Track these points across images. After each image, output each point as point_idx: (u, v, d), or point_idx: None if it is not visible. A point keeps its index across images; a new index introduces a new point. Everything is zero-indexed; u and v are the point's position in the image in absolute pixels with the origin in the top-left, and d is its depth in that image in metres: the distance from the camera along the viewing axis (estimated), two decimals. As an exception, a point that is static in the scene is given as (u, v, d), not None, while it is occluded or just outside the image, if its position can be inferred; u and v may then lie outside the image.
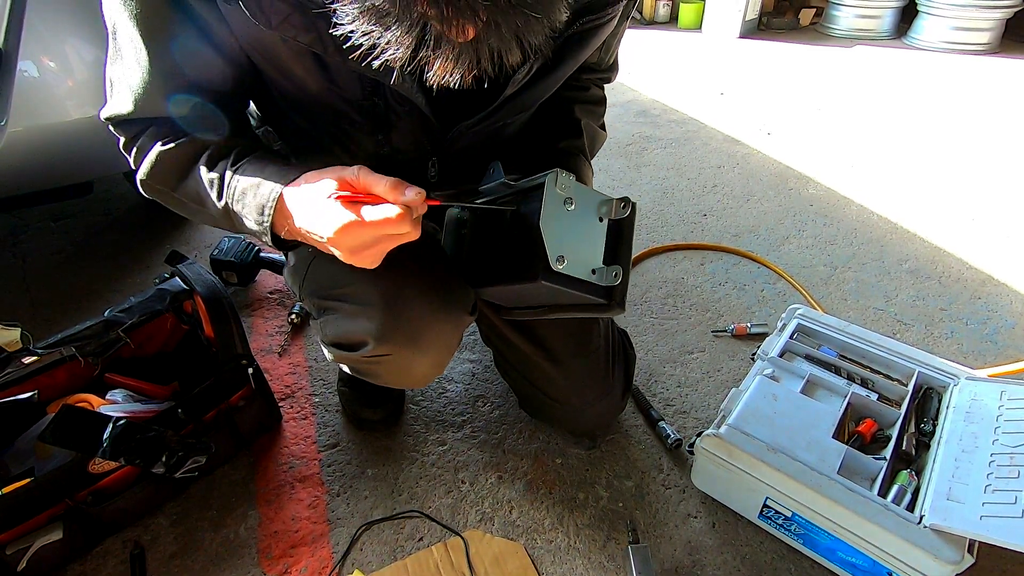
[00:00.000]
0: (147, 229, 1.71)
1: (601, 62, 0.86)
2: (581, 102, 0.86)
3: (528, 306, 0.79)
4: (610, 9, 0.66)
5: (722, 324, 1.32)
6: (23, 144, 1.17)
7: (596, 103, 0.89)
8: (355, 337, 0.72)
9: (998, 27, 3.41)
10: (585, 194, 0.66)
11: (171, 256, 1.06)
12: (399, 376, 0.77)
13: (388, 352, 0.71)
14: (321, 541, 0.90)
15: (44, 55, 1.16)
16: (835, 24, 3.87)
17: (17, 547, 0.78)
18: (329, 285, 0.76)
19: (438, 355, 0.75)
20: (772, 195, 1.90)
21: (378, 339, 0.69)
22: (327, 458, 1.03)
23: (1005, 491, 0.74)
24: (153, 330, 1.06)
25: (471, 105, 0.68)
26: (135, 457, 0.82)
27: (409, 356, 0.72)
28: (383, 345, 0.70)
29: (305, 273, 0.80)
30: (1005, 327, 1.33)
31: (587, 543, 0.89)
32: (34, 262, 1.57)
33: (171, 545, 0.89)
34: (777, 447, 0.85)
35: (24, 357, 0.88)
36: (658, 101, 2.71)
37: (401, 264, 0.70)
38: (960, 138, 2.32)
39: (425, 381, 0.81)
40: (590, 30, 0.66)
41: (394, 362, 0.72)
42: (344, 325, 0.73)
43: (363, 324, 0.70)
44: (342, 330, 0.73)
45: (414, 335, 0.70)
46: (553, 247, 0.62)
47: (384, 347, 0.70)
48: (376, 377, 0.77)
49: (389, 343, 0.70)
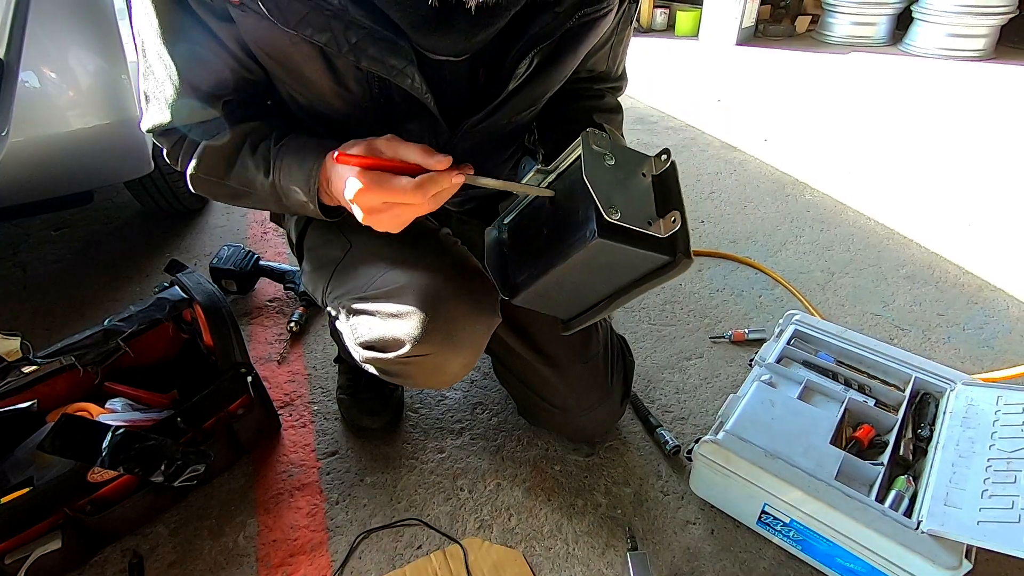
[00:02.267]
0: (146, 238, 1.72)
1: (610, 71, 0.87)
2: (599, 110, 0.87)
3: (586, 306, 0.72)
4: (606, 1, 0.66)
5: (720, 330, 1.33)
6: (24, 154, 1.17)
7: (612, 111, 0.90)
8: (392, 338, 0.73)
9: (993, 33, 3.44)
10: (623, 151, 0.63)
11: (170, 265, 1.06)
12: (431, 376, 0.78)
13: (427, 352, 0.72)
14: (320, 549, 0.90)
15: (45, 65, 1.17)
16: (831, 31, 3.91)
17: (16, 557, 0.77)
18: (362, 288, 0.77)
19: (471, 354, 0.76)
20: (769, 201, 1.91)
21: (417, 340, 0.70)
22: (326, 466, 1.03)
23: (1002, 496, 0.74)
24: (153, 339, 1.06)
25: (477, 104, 0.69)
26: (134, 466, 0.82)
27: (445, 356, 0.73)
28: (422, 346, 0.71)
29: (330, 278, 0.82)
30: (1002, 332, 1.33)
31: (586, 550, 0.89)
32: (34, 271, 1.58)
33: (170, 554, 0.89)
34: (775, 453, 0.85)
35: (24, 366, 0.88)
36: (655, 108, 2.73)
37: (434, 267, 0.73)
38: (956, 144, 2.33)
39: (453, 380, 0.81)
40: (588, 23, 0.67)
41: (430, 362, 0.73)
42: (381, 327, 0.74)
43: (401, 325, 0.71)
44: (378, 332, 0.74)
45: (451, 335, 0.72)
46: (603, 198, 0.57)
47: (423, 347, 0.71)
48: (407, 378, 0.78)
49: (428, 344, 0.71)
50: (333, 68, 0.63)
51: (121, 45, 1.29)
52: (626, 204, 0.58)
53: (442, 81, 0.65)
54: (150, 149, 1.40)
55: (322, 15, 0.56)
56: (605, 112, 0.88)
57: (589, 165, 0.58)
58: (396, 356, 0.73)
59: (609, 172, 0.60)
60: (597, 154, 0.60)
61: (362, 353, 0.77)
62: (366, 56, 0.59)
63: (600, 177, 0.58)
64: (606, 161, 0.60)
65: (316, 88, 0.66)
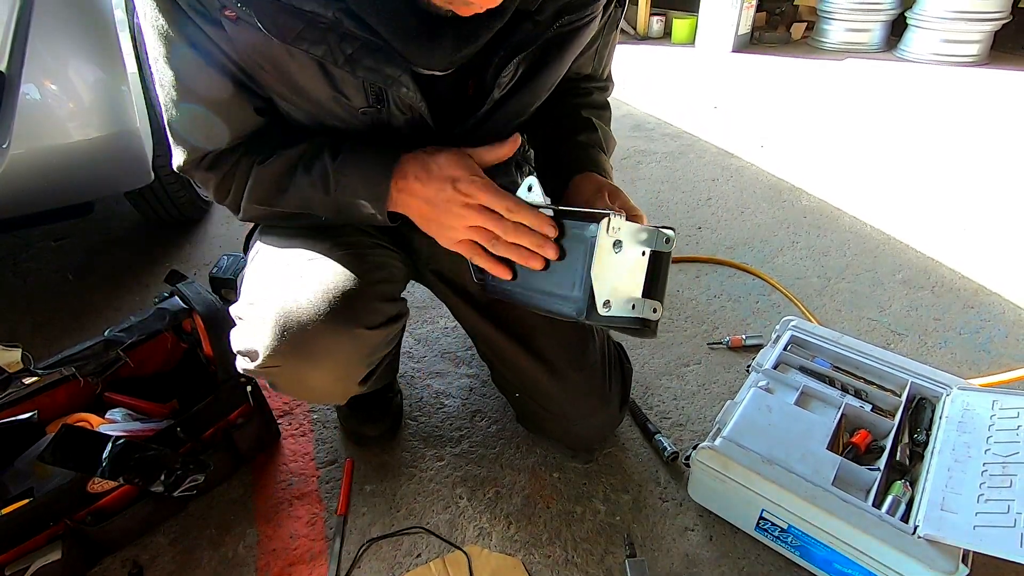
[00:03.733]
0: (145, 249, 1.73)
1: (596, 73, 0.90)
2: (585, 106, 0.89)
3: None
4: (589, 9, 0.68)
5: (717, 336, 1.33)
6: (26, 166, 1.18)
7: (600, 107, 0.92)
8: (249, 348, 0.73)
9: (987, 39, 3.46)
10: (631, 233, 0.65)
11: (170, 275, 1.07)
12: (298, 388, 0.78)
13: (278, 364, 0.72)
14: (320, 559, 0.90)
15: (46, 78, 1.18)
16: (826, 38, 3.93)
17: (15, 568, 0.78)
18: (244, 295, 0.78)
19: (336, 369, 0.74)
20: (766, 207, 1.92)
21: (268, 350, 0.70)
22: (325, 475, 1.03)
23: (998, 500, 0.75)
24: (152, 349, 1.07)
25: (468, 112, 0.71)
26: (134, 476, 0.82)
27: (301, 369, 0.72)
28: (272, 357, 0.71)
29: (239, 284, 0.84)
30: (998, 336, 1.34)
31: (584, 557, 0.89)
32: (35, 282, 1.59)
33: (169, 564, 0.89)
34: (772, 459, 0.86)
35: (25, 377, 0.88)
36: (652, 115, 2.74)
37: (305, 279, 0.73)
38: (951, 149, 2.35)
39: (333, 396, 0.81)
40: (571, 32, 0.69)
41: (287, 374, 0.73)
42: (244, 337, 0.75)
43: (257, 336, 0.71)
44: (242, 341, 0.75)
45: (302, 348, 0.71)
46: (601, 293, 0.61)
47: (274, 359, 0.71)
48: (279, 389, 0.78)
49: (279, 356, 0.70)
50: (330, 76, 0.64)
51: (121, 57, 1.30)
52: (619, 290, 0.64)
53: (433, 90, 0.67)
54: (150, 159, 1.41)
55: (317, 29, 0.57)
56: (594, 108, 0.90)
57: (599, 260, 0.61)
58: (256, 366, 0.73)
59: (614, 260, 0.63)
60: (609, 243, 0.62)
61: (237, 359, 0.78)
62: (361, 67, 0.60)
63: (604, 268, 0.62)
64: (615, 251, 0.63)
65: (313, 96, 0.67)
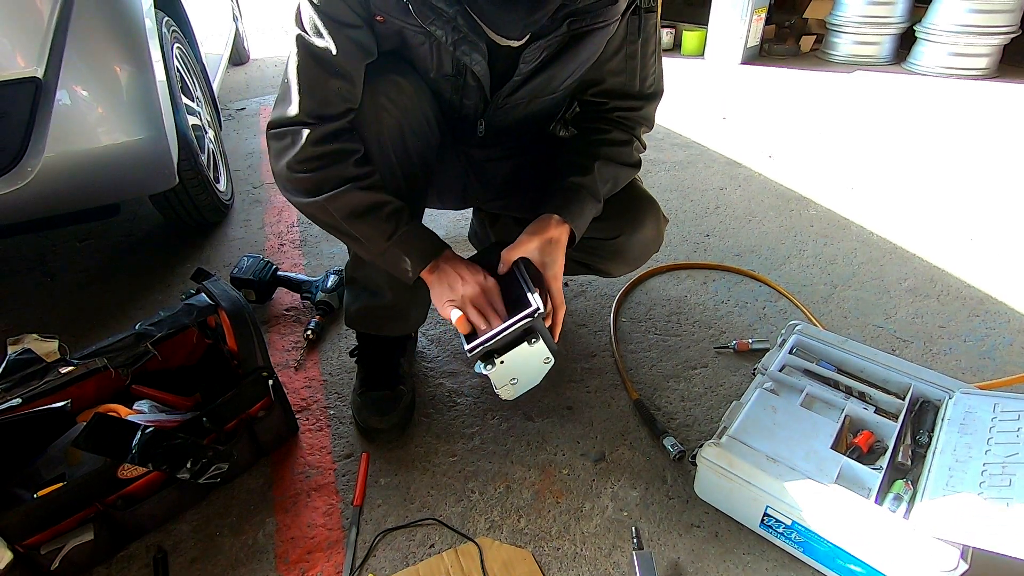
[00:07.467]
0: (168, 250, 1.78)
1: (631, 88, 0.98)
2: (597, 144, 0.98)
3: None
4: (602, 16, 0.83)
5: (724, 340, 1.36)
6: (58, 168, 1.23)
7: (618, 144, 1.00)
8: None
9: (996, 52, 3.48)
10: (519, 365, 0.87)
11: (197, 273, 1.11)
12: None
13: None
14: (336, 547, 0.93)
15: (79, 83, 1.23)
16: (835, 50, 3.96)
17: (51, 548, 0.82)
18: None
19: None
20: (773, 216, 1.95)
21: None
22: (342, 468, 1.07)
23: (997, 499, 0.77)
24: (178, 344, 1.11)
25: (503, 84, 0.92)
26: (162, 463, 0.86)
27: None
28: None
29: None
30: (1003, 344, 1.35)
31: (593, 551, 0.92)
32: (62, 281, 1.64)
33: (192, 550, 0.93)
34: (776, 457, 0.88)
35: (62, 367, 0.93)
36: (662, 125, 2.78)
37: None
38: (958, 160, 2.37)
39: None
40: (587, 32, 0.85)
41: None
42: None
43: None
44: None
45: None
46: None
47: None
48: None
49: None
50: (436, 52, 0.87)
51: (151, 64, 1.35)
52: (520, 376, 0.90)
53: (492, 70, 0.89)
54: (175, 163, 1.46)
55: (441, 21, 0.81)
56: (606, 146, 0.98)
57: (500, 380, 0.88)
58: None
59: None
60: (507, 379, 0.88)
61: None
62: (459, 49, 0.83)
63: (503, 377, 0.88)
64: (512, 384, 0.89)
65: (422, 64, 0.89)
